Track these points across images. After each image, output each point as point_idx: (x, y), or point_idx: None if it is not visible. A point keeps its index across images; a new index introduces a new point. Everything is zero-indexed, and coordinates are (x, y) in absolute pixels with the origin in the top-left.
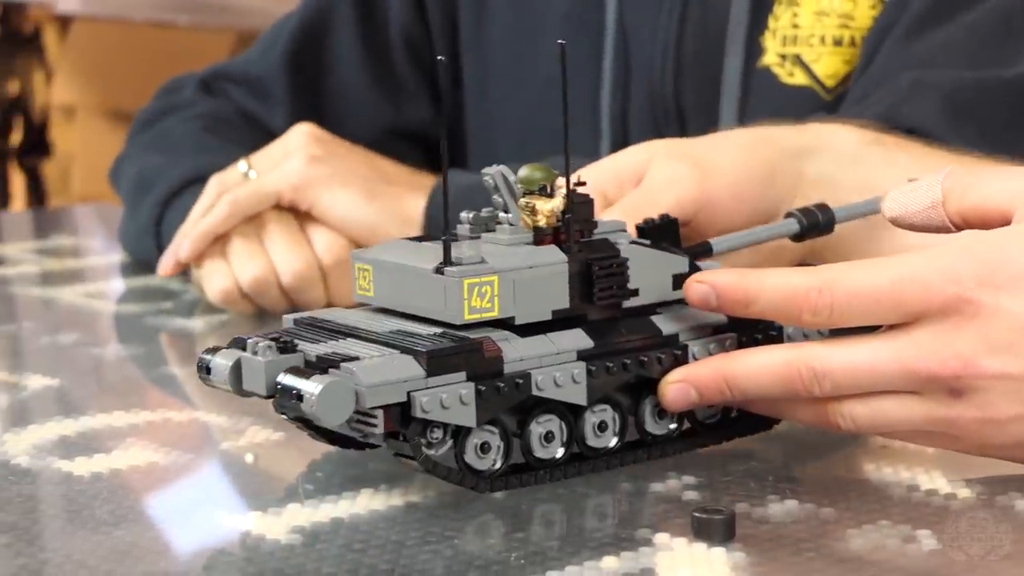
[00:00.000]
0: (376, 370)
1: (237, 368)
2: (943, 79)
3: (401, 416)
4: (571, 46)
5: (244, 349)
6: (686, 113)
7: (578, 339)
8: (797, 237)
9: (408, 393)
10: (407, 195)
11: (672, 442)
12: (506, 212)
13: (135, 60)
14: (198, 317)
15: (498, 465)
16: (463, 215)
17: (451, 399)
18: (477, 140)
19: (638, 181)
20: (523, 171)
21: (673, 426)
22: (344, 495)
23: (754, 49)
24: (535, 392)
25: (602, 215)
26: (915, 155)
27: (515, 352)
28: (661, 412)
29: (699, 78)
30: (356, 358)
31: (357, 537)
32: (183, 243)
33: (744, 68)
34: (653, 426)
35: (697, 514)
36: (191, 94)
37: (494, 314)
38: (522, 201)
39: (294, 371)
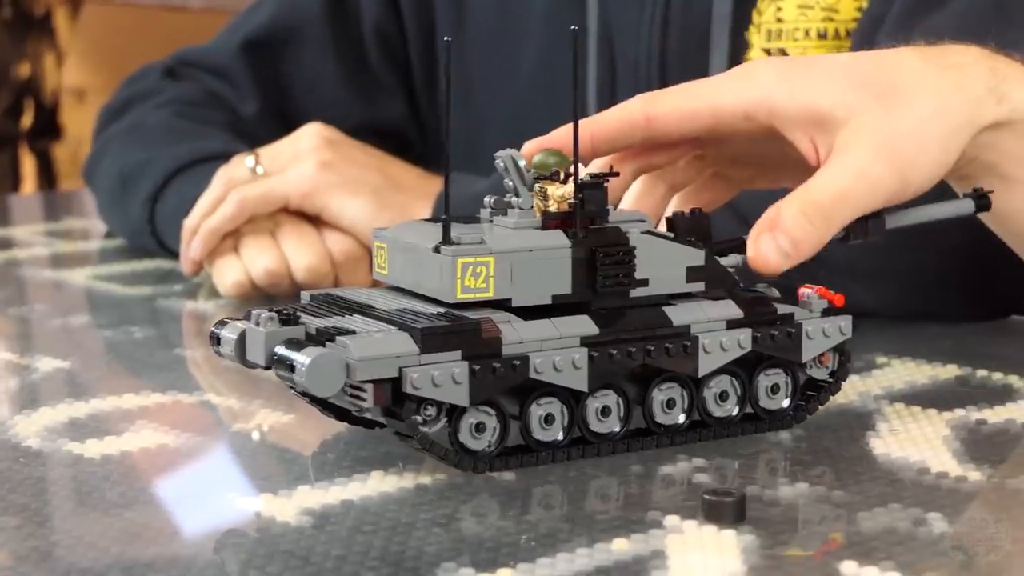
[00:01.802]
0: (369, 344)
1: (242, 339)
2: None
3: (394, 392)
4: (554, 47)
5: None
6: None
7: (582, 325)
8: (842, 240)
9: (400, 369)
10: (415, 204)
11: (682, 432)
12: (517, 196)
13: (146, 43)
14: (209, 300)
15: (493, 446)
16: (486, 199)
17: (443, 377)
18: (459, 140)
19: (818, 124)
20: (538, 156)
21: (682, 418)
22: (354, 477)
23: (739, 45)
24: (533, 375)
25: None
26: None
27: (515, 334)
28: (670, 403)
29: (685, 76)
30: (352, 332)
31: (367, 519)
32: (193, 243)
33: (730, 64)
34: (662, 416)
35: (707, 496)
36: (156, 81)
37: (489, 295)
38: (536, 186)
39: (290, 342)
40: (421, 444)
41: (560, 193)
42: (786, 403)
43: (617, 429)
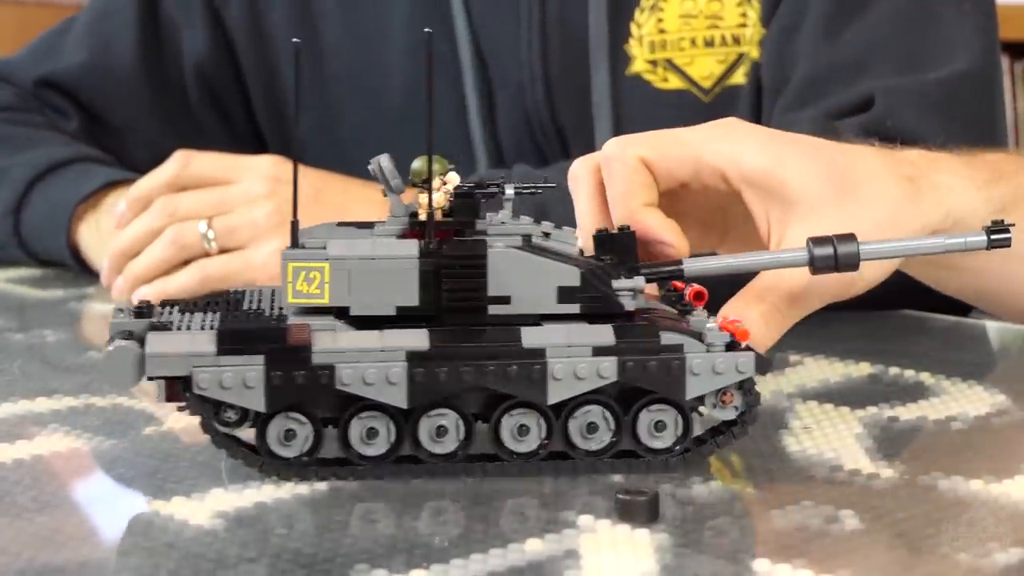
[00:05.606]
0: (165, 341)
1: None
2: (909, 85)
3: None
4: (420, 73)
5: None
6: (565, 131)
7: (414, 339)
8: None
9: (191, 368)
10: None
11: (534, 462)
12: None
13: None
14: (121, 302)
15: (305, 454)
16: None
17: (233, 380)
18: (326, 166)
19: (780, 202)
20: (415, 162)
21: (535, 446)
22: (267, 479)
23: (620, 58)
24: (339, 386)
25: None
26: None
27: (328, 343)
28: (522, 429)
29: (572, 94)
30: (167, 328)
31: (280, 522)
32: (141, 293)
33: (612, 78)
34: (513, 443)
35: (621, 495)
36: None
37: (323, 301)
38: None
39: (121, 334)
40: (217, 446)
41: (427, 202)
42: (671, 443)
43: (453, 450)
